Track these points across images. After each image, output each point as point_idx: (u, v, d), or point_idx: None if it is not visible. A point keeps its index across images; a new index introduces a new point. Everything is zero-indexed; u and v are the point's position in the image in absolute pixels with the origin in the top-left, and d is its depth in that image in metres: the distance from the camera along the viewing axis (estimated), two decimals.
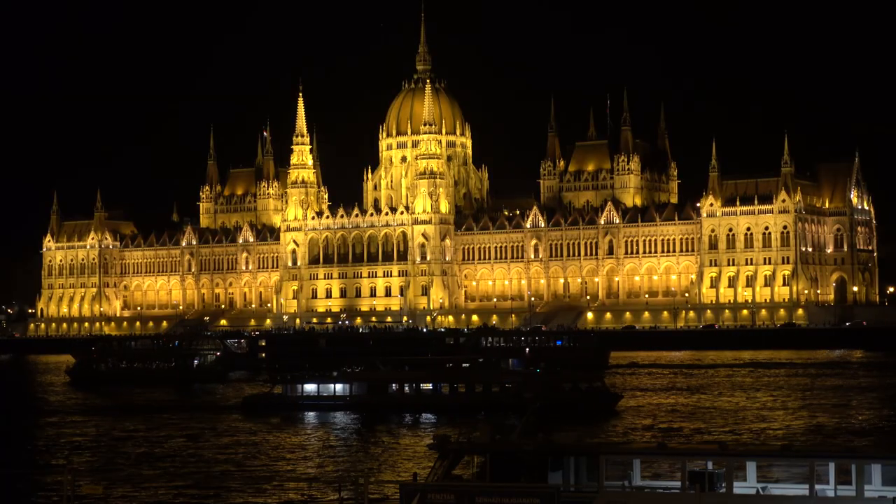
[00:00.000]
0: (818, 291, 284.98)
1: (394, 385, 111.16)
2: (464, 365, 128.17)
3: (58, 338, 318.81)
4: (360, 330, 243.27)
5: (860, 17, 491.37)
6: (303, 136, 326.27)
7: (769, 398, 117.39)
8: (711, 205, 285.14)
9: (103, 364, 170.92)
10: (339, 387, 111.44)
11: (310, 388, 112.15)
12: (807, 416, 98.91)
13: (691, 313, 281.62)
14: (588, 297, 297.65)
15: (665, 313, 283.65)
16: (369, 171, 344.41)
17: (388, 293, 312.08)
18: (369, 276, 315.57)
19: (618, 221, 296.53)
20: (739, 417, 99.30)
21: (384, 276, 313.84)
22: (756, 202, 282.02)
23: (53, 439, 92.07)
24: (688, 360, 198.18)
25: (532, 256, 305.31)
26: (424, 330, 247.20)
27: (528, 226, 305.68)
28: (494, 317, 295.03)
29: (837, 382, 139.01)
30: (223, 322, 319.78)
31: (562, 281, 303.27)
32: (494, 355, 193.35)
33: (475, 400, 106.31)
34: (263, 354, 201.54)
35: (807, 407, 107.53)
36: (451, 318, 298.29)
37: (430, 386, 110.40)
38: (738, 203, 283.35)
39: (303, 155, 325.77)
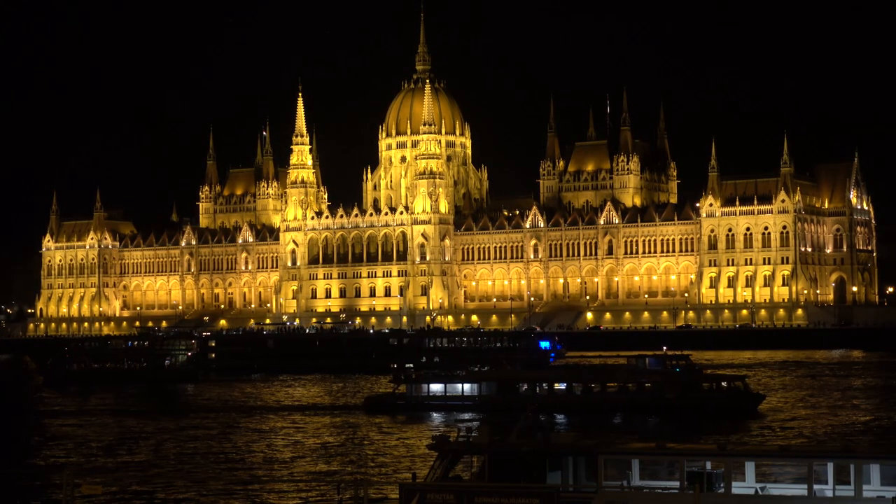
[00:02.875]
0: (817, 292, 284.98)
1: (524, 385, 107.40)
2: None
3: (58, 338, 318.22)
4: (308, 331, 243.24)
5: (860, 17, 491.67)
6: (302, 136, 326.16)
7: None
8: (711, 205, 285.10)
9: (76, 364, 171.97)
10: (466, 387, 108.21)
11: (436, 388, 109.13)
12: None
13: (691, 313, 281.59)
14: (587, 298, 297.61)
15: (664, 313, 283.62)
16: (369, 171, 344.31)
17: (387, 293, 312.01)
18: (369, 277, 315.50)
19: (617, 221, 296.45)
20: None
21: (384, 277, 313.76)
22: (755, 202, 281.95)
23: (65, 439, 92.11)
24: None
25: (531, 256, 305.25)
26: (371, 331, 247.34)
27: (527, 226, 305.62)
28: (494, 317, 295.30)
29: None
30: (223, 322, 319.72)
31: (561, 281, 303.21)
32: (438, 356, 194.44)
33: (610, 400, 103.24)
34: (213, 355, 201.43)
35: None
36: (450, 318, 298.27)
37: (562, 386, 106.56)
38: (737, 203, 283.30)
39: (302, 155, 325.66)
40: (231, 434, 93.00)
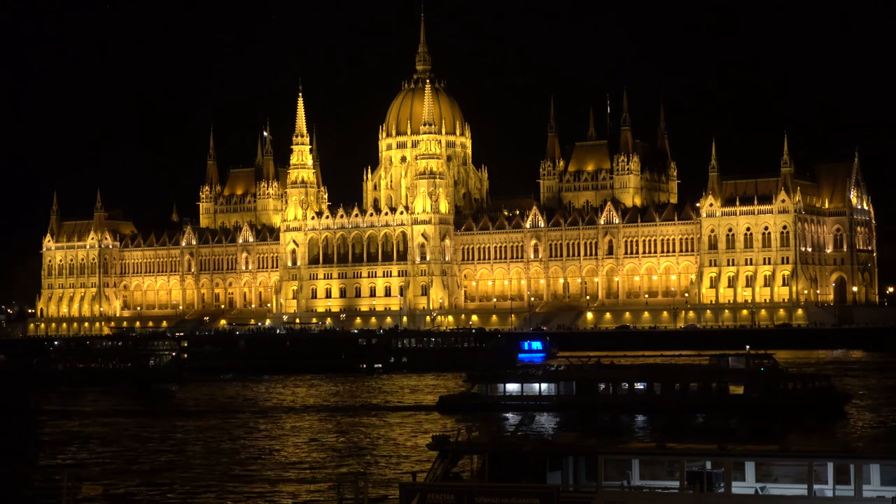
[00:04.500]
0: (818, 292, 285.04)
1: (602, 384, 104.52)
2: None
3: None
4: (278, 331, 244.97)
5: (861, 17, 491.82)
6: (303, 136, 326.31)
7: None
8: (711, 205, 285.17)
9: (61, 365, 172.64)
10: (544, 386, 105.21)
11: (512, 387, 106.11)
12: None
13: (691, 313, 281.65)
14: (588, 298, 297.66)
15: (665, 313, 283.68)
16: (369, 171, 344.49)
17: (387, 293, 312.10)
18: (369, 277, 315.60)
19: (617, 221, 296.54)
20: None
21: (384, 277, 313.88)
22: (756, 202, 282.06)
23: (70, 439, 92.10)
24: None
25: (532, 256, 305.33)
26: (338, 330, 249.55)
27: (527, 226, 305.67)
28: (494, 317, 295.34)
29: None
30: (223, 322, 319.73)
31: (561, 281, 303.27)
32: (406, 356, 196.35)
33: (692, 401, 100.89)
34: (185, 355, 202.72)
35: None
36: (450, 318, 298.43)
37: (642, 385, 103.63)
38: (737, 203, 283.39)
39: (303, 155, 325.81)
40: (234, 435, 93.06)
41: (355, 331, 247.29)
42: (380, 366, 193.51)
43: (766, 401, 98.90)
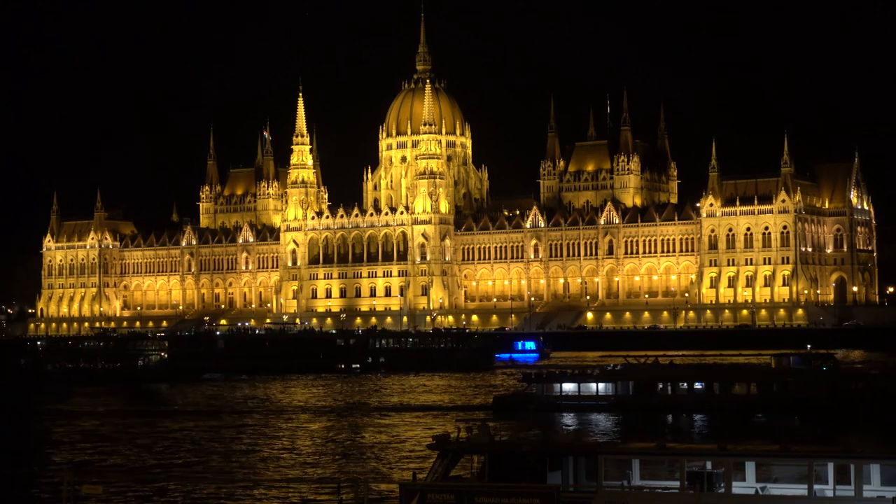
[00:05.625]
0: (818, 292, 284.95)
1: (661, 384, 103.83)
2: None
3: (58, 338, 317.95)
4: (258, 331, 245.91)
5: (861, 17, 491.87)
6: (303, 136, 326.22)
7: None
8: (711, 205, 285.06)
9: (51, 365, 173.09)
10: (601, 386, 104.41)
11: (568, 387, 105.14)
12: None
13: (691, 313, 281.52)
14: (588, 298, 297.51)
15: (665, 313, 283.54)
16: (369, 171, 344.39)
17: (387, 293, 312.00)
18: (369, 277, 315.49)
19: (617, 221, 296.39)
20: None
21: (384, 276, 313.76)
22: (756, 202, 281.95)
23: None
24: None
25: (532, 256, 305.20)
26: (317, 331, 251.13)
27: (527, 226, 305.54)
28: (494, 317, 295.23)
29: None
30: (223, 322, 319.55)
31: (562, 281, 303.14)
32: (384, 356, 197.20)
33: (752, 401, 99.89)
34: (166, 355, 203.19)
35: None
36: (450, 318, 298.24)
37: (701, 385, 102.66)
38: (737, 203, 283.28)
39: (303, 155, 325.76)
40: (234, 435, 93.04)
41: (333, 331, 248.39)
42: (357, 366, 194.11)
43: (829, 401, 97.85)
